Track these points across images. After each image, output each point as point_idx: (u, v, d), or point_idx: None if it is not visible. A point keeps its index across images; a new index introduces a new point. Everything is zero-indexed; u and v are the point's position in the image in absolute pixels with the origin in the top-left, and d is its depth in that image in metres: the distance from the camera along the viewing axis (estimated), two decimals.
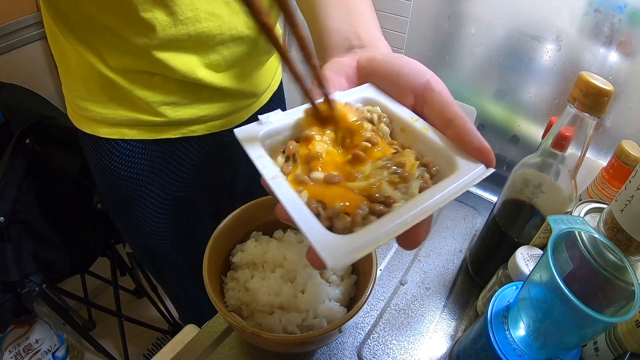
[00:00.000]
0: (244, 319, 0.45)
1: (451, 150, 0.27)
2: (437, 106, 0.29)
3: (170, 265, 0.73)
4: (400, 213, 0.23)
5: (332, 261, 0.21)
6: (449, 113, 0.28)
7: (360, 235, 0.22)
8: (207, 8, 0.47)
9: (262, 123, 0.29)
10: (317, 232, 0.22)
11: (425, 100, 0.30)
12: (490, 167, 0.26)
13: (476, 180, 0.26)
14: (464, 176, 0.25)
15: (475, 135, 0.27)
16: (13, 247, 0.76)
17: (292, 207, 0.23)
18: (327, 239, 0.22)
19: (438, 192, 0.25)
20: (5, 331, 1.06)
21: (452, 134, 0.28)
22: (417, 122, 0.30)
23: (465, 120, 0.28)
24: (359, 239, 0.22)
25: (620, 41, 0.63)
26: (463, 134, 0.27)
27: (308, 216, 0.23)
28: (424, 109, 0.30)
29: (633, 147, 0.52)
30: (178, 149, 0.59)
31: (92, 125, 0.55)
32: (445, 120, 0.28)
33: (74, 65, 0.52)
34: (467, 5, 0.75)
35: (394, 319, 0.55)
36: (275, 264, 0.48)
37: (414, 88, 0.30)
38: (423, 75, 0.30)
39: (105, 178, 0.59)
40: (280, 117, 0.29)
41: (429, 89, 0.30)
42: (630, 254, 0.39)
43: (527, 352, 0.36)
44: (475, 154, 0.27)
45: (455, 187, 0.25)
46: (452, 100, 0.29)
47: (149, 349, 1.31)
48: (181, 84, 0.52)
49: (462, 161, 0.26)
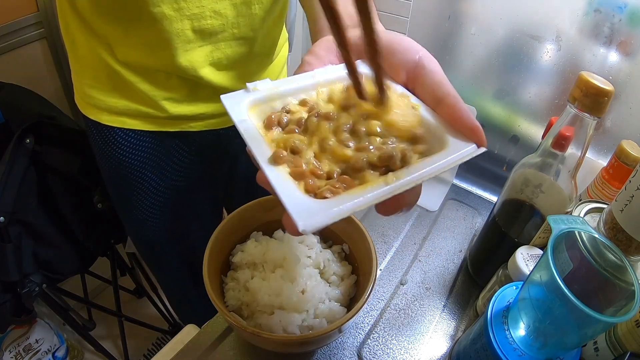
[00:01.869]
0: (244, 319, 0.45)
1: (442, 128, 0.27)
2: (428, 84, 0.29)
3: (166, 257, 0.74)
4: (381, 183, 0.23)
5: (302, 222, 0.21)
6: (441, 91, 0.28)
7: (336, 201, 0.22)
8: (214, 7, 0.48)
9: (250, 90, 0.28)
10: (292, 195, 0.22)
11: (417, 77, 0.30)
12: (481, 147, 0.26)
13: (465, 158, 0.26)
14: (452, 153, 0.25)
15: (467, 114, 0.27)
16: (13, 247, 0.76)
17: (269, 170, 0.23)
18: (301, 202, 0.22)
19: (422, 167, 0.24)
20: (5, 331, 1.06)
21: (443, 113, 0.28)
22: (409, 98, 0.30)
23: (457, 99, 0.28)
24: (334, 204, 0.22)
25: (620, 41, 0.63)
26: (454, 113, 0.27)
27: (284, 179, 0.23)
28: (416, 86, 0.30)
29: (633, 147, 0.52)
30: (178, 139, 0.60)
31: (96, 112, 0.57)
32: (437, 98, 0.28)
33: (83, 53, 0.53)
34: (467, 5, 0.75)
35: (394, 319, 0.55)
36: (275, 264, 0.48)
37: (406, 65, 0.30)
38: (415, 53, 0.30)
39: (107, 163, 0.61)
40: (269, 85, 0.29)
41: (421, 67, 0.30)
42: (630, 254, 0.39)
43: (527, 352, 0.36)
44: (467, 133, 0.26)
45: (442, 164, 0.25)
46: (444, 79, 0.29)
47: (149, 349, 1.31)
48: (183, 81, 0.53)
49: (452, 139, 0.26)
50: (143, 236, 0.70)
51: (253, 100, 0.28)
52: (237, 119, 0.26)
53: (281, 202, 0.22)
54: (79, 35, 0.52)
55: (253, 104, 0.28)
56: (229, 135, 0.65)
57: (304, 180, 0.24)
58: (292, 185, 0.23)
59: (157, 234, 0.69)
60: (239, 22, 0.51)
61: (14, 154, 0.72)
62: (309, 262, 0.48)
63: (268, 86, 0.29)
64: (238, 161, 0.72)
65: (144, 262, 1.12)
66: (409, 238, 0.67)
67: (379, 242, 0.65)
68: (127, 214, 0.67)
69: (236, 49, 0.53)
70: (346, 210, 0.22)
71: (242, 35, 0.52)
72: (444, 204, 0.73)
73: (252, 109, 0.28)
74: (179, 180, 0.64)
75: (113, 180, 0.63)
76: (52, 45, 0.95)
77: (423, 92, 0.30)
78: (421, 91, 0.30)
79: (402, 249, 0.65)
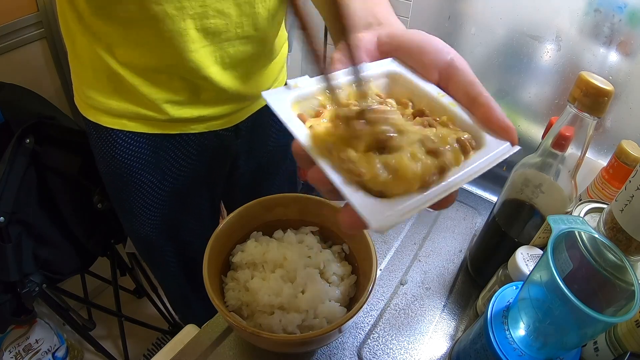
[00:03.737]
0: (244, 319, 0.45)
1: (478, 127, 0.28)
2: (462, 84, 0.30)
3: (165, 257, 0.74)
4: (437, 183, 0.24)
5: (375, 223, 0.21)
6: (474, 91, 0.29)
7: (399, 201, 0.23)
8: (217, 6, 0.48)
9: (291, 87, 0.28)
10: (358, 195, 0.22)
11: (449, 78, 0.30)
12: (515, 145, 0.27)
13: (503, 157, 0.27)
14: (491, 152, 0.26)
15: (500, 114, 0.27)
16: (13, 247, 0.76)
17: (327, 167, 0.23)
18: (369, 202, 0.22)
19: (469, 166, 0.25)
20: (5, 331, 1.06)
21: (477, 112, 0.29)
22: (444, 97, 0.30)
23: (490, 98, 0.28)
24: (399, 202, 0.22)
25: (620, 41, 0.63)
26: (489, 113, 0.28)
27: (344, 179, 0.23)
28: (449, 86, 0.31)
29: (633, 147, 0.52)
30: (178, 141, 0.60)
31: (95, 114, 0.57)
32: (471, 98, 0.29)
33: (83, 55, 0.53)
34: (467, 5, 0.75)
35: (394, 319, 0.55)
36: (275, 264, 0.48)
37: (439, 65, 0.31)
38: (447, 54, 0.31)
39: (107, 165, 0.61)
40: (310, 82, 0.29)
41: (454, 67, 0.30)
42: (630, 254, 0.39)
43: (527, 352, 0.36)
44: (501, 132, 0.27)
45: (484, 162, 0.26)
46: (476, 79, 0.30)
47: (149, 349, 1.31)
48: (185, 83, 0.53)
49: (489, 138, 0.27)
50: (143, 237, 0.70)
51: (296, 96, 0.28)
52: (284, 117, 0.26)
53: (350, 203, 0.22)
54: (79, 36, 0.51)
55: (296, 101, 0.28)
56: (229, 136, 0.64)
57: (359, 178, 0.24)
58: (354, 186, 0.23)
59: (157, 234, 0.69)
60: (242, 21, 0.51)
61: (14, 153, 0.72)
62: (309, 262, 0.48)
63: (308, 82, 0.29)
64: (238, 161, 0.72)
65: (143, 262, 1.13)
66: (409, 238, 0.67)
67: (379, 242, 0.65)
68: (126, 215, 0.67)
69: (239, 49, 0.53)
70: (414, 207, 0.22)
71: (246, 35, 0.52)
72: None
73: (295, 105, 0.28)
74: (178, 181, 0.64)
75: (112, 181, 0.63)
76: (52, 45, 0.95)
77: (456, 92, 0.30)
78: (454, 90, 0.31)
79: (402, 249, 0.65)
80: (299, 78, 0.29)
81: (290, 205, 0.52)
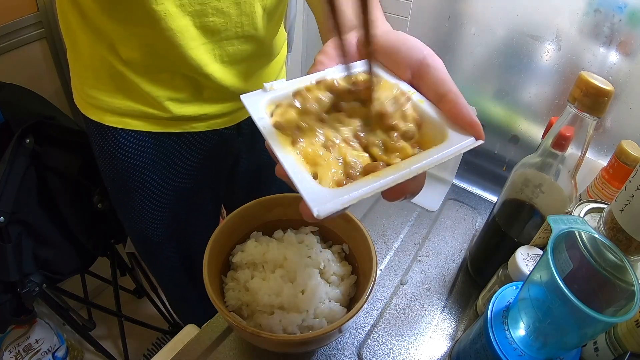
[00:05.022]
0: (244, 319, 0.45)
1: (443, 122, 0.30)
2: (432, 81, 0.31)
3: (166, 257, 0.74)
4: (386, 173, 0.26)
5: (317, 208, 0.23)
6: (443, 89, 0.30)
7: (346, 189, 0.25)
8: (216, 5, 0.48)
9: (267, 90, 0.31)
10: (307, 184, 0.25)
11: (421, 75, 0.32)
12: (479, 139, 0.28)
13: (464, 150, 0.28)
14: (452, 145, 0.28)
15: (466, 110, 0.29)
16: (13, 247, 0.75)
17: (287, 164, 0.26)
18: (316, 190, 0.25)
19: (425, 158, 0.27)
20: (5, 331, 1.06)
21: (445, 109, 0.30)
22: (414, 95, 0.32)
23: (458, 95, 0.30)
24: (344, 191, 0.24)
25: (620, 41, 0.63)
26: (455, 109, 0.29)
27: (301, 171, 0.26)
28: (421, 83, 0.32)
29: (633, 147, 0.52)
30: (180, 140, 0.60)
31: (97, 113, 0.56)
32: (439, 94, 0.30)
33: (84, 54, 0.53)
34: (467, 5, 0.75)
35: (394, 319, 0.55)
36: (275, 264, 0.48)
37: (411, 63, 0.32)
38: (420, 52, 0.32)
39: (108, 164, 0.60)
40: (285, 85, 0.31)
41: (426, 65, 0.32)
42: (630, 254, 0.39)
43: (527, 352, 0.36)
44: (467, 128, 0.29)
45: (444, 154, 0.27)
46: (446, 77, 0.31)
47: (149, 349, 1.31)
48: (187, 81, 0.53)
49: (452, 133, 0.29)
50: (143, 237, 0.70)
51: (271, 99, 0.31)
52: (256, 117, 0.29)
53: (297, 190, 0.24)
54: (80, 34, 0.51)
55: (270, 102, 0.31)
56: (231, 135, 0.65)
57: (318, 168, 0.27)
58: (307, 175, 0.25)
59: (157, 234, 0.69)
60: (242, 21, 0.51)
61: (14, 153, 0.72)
62: (309, 262, 0.48)
63: (284, 85, 0.31)
64: (240, 161, 0.72)
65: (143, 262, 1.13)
66: (409, 238, 0.67)
67: (379, 242, 0.65)
68: (126, 214, 0.67)
69: (239, 47, 0.53)
70: (356, 196, 0.24)
71: (245, 34, 0.52)
72: (444, 204, 0.73)
73: (270, 107, 0.30)
74: (180, 180, 0.64)
75: (113, 181, 0.63)
76: (52, 45, 0.95)
77: (427, 89, 0.32)
78: (425, 88, 0.32)
79: (402, 249, 0.65)
80: (275, 82, 0.31)
81: (290, 205, 0.52)
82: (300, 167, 0.26)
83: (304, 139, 0.28)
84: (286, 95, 0.31)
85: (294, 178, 0.25)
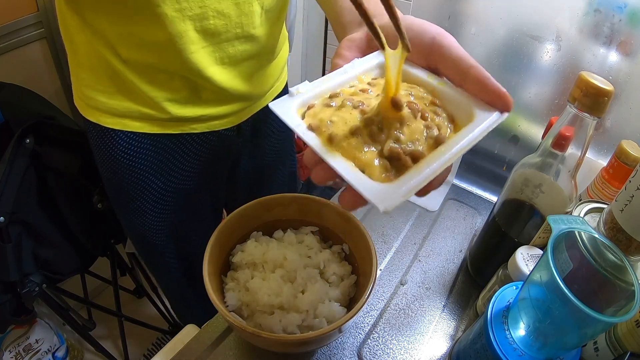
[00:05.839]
0: (244, 319, 0.45)
1: (468, 101, 0.30)
2: (450, 61, 0.31)
3: (165, 257, 0.74)
4: (429, 162, 0.26)
5: (382, 205, 0.24)
6: (464, 66, 0.30)
7: (401, 182, 0.25)
8: (217, 7, 0.48)
9: (293, 95, 0.30)
10: (365, 183, 0.25)
11: (436, 58, 0.31)
12: (505, 112, 0.29)
13: (492, 126, 0.28)
14: (480, 123, 0.28)
15: (493, 82, 0.29)
16: (13, 247, 0.75)
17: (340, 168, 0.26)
18: (375, 188, 0.25)
19: (459, 141, 0.27)
20: (5, 331, 1.06)
21: (470, 86, 0.30)
22: (433, 79, 0.32)
23: (481, 69, 0.29)
24: (401, 184, 0.25)
25: (620, 41, 0.63)
26: (480, 85, 0.29)
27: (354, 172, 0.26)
28: (439, 66, 0.32)
29: (633, 147, 0.52)
30: (179, 142, 0.60)
31: (96, 114, 0.56)
32: (462, 73, 0.30)
33: (84, 55, 0.53)
34: (467, 5, 0.75)
35: (394, 319, 0.55)
36: (275, 264, 0.48)
37: (422, 49, 0.32)
38: (429, 34, 0.31)
39: (108, 165, 0.60)
40: (309, 87, 0.31)
41: (438, 46, 0.31)
42: (630, 254, 0.39)
43: (527, 352, 0.36)
44: (495, 100, 0.29)
45: (474, 135, 0.27)
46: (462, 53, 0.30)
47: (149, 349, 1.31)
48: (186, 82, 0.53)
49: (478, 111, 0.29)
50: (143, 237, 0.70)
51: (300, 103, 0.30)
52: (293, 124, 0.28)
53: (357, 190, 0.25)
54: (79, 35, 0.51)
55: (300, 106, 0.30)
56: (231, 136, 0.64)
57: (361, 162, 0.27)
58: (362, 175, 0.26)
59: (157, 235, 0.69)
60: (242, 21, 0.51)
61: (14, 154, 0.72)
62: (309, 262, 0.48)
63: (308, 87, 0.31)
64: (240, 162, 0.72)
65: (143, 262, 1.13)
66: (409, 238, 0.67)
67: (379, 242, 0.65)
68: (126, 216, 0.67)
69: (239, 48, 0.53)
70: (414, 187, 0.25)
71: (245, 35, 0.52)
72: (444, 204, 0.73)
73: (300, 110, 0.30)
74: (179, 181, 0.64)
75: (113, 182, 0.63)
76: (52, 45, 0.95)
77: (447, 71, 0.31)
78: (445, 68, 0.31)
79: (402, 249, 0.65)
80: (300, 85, 0.30)
81: (290, 205, 0.52)
82: (352, 168, 0.26)
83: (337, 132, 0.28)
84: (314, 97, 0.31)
85: (353, 181, 0.25)
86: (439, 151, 0.27)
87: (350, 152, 0.27)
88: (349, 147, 0.27)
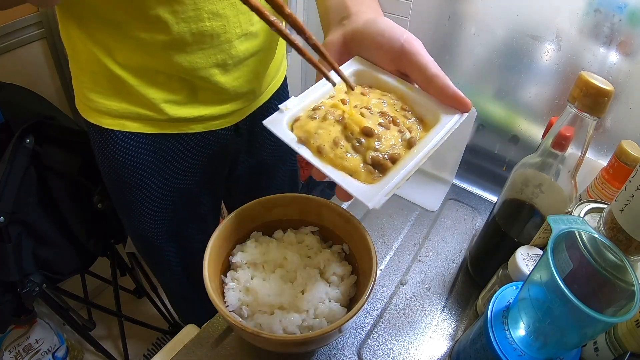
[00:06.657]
0: (244, 319, 0.45)
1: (433, 104, 0.35)
2: (416, 68, 0.35)
3: (166, 257, 0.74)
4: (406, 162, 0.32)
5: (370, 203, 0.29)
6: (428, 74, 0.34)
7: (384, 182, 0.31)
8: (211, 8, 0.47)
9: (283, 111, 0.34)
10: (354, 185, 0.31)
11: (405, 63, 0.35)
12: (464, 112, 0.34)
13: (455, 126, 0.33)
14: (445, 125, 0.33)
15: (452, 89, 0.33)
16: (13, 247, 0.76)
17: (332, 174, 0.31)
18: (362, 188, 0.30)
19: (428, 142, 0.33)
20: (5, 331, 1.06)
21: (434, 91, 0.34)
22: (402, 85, 0.36)
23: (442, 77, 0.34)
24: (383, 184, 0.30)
25: (620, 41, 0.63)
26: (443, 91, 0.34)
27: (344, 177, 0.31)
28: (407, 71, 0.35)
29: (633, 147, 0.52)
30: (178, 142, 0.60)
31: (96, 116, 0.57)
32: (426, 80, 0.34)
33: (83, 58, 0.53)
34: (467, 5, 0.75)
35: (394, 319, 0.55)
36: (275, 264, 0.48)
37: (392, 55, 0.35)
38: (397, 41, 0.35)
39: (108, 166, 0.61)
40: (296, 102, 0.35)
41: (405, 52, 0.35)
42: (630, 254, 0.39)
43: (527, 352, 0.36)
44: (456, 104, 0.33)
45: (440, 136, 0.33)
46: (427, 60, 0.34)
47: (149, 349, 1.31)
48: (184, 83, 0.53)
49: (442, 114, 0.34)
50: (143, 237, 0.70)
51: (289, 117, 0.34)
52: (287, 139, 0.33)
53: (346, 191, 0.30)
54: (79, 42, 0.51)
55: (290, 121, 0.34)
56: (229, 136, 0.64)
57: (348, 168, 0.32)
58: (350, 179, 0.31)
59: (157, 235, 0.69)
60: (239, 20, 0.50)
61: (14, 153, 0.72)
62: (309, 262, 0.48)
63: (295, 102, 0.35)
64: (238, 161, 0.72)
65: (143, 262, 1.13)
66: (409, 238, 0.67)
67: (379, 242, 0.65)
68: (127, 215, 0.68)
69: (241, 48, 0.53)
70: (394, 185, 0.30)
71: (245, 32, 0.52)
72: (444, 204, 0.73)
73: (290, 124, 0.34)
74: (179, 181, 0.64)
75: (113, 182, 0.63)
76: (52, 45, 0.95)
77: (414, 75, 0.35)
78: (412, 74, 0.35)
79: (402, 249, 0.65)
80: (287, 101, 0.35)
81: (290, 205, 0.52)
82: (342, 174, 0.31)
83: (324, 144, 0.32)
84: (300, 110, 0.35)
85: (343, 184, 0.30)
86: (412, 152, 0.32)
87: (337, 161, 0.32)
88: (335, 157, 0.32)
